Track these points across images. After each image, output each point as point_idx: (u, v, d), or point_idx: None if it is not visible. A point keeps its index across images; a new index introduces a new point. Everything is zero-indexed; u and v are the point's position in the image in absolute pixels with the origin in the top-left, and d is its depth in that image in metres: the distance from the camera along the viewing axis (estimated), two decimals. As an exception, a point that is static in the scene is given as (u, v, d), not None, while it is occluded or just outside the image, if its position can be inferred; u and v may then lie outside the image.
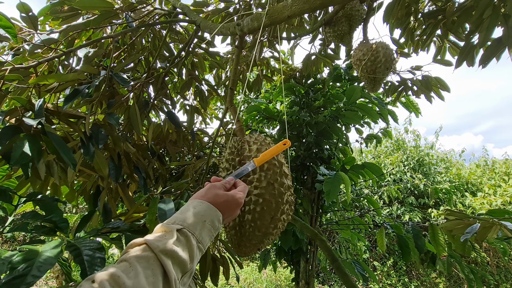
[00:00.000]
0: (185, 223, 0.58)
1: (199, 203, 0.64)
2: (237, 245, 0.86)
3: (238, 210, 0.72)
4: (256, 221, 0.81)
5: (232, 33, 1.12)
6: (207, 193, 0.68)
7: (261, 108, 2.87)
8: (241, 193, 0.71)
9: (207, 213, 0.62)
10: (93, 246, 0.70)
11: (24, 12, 0.92)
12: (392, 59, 1.51)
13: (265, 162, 0.84)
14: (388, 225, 2.37)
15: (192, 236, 0.57)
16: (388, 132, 3.26)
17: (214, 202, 0.66)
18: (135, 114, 1.47)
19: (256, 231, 0.82)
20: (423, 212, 5.99)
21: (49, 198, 0.94)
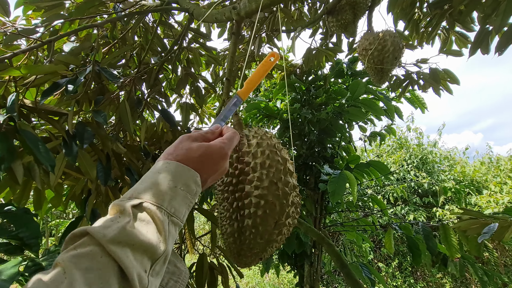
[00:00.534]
0: (146, 195, 0.43)
1: (164, 164, 0.48)
2: (237, 255, 0.74)
3: (224, 163, 0.55)
4: (257, 227, 0.69)
5: (228, 18, 1.02)
6: (176, 149, 0.52)
7: (261, 106, 2.76)
8: (224, 141, 0.56)
9: (177, 176, 0.47)
10: None
11: (-9, -6, 0.82)
12: (401, 48, 1.40)
13: (267, 158, 0.73)
14: (396, 226, 2.25)
15: (159, 209, 0.42)
16: (392, 130, 3.15)
17: (187, 159, 0.51)
18: (125, 111, 1.36)
19: (258, 238, 0.71)
20: (427, 211, 5.88)
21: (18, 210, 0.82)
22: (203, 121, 2.58)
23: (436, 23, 2.10)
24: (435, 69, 1.95)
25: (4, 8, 0.86)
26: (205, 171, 0.52)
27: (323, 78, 2.80)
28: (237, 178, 0.74)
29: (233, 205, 0.72)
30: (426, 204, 5.91)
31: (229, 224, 0.73)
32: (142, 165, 1.82)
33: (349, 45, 2.45)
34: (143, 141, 1.65)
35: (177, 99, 2.46)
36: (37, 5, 1.23)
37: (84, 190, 1.64)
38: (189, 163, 0.50)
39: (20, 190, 1.19)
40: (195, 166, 0.51)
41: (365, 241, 3.26)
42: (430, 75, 1.95)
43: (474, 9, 1.81)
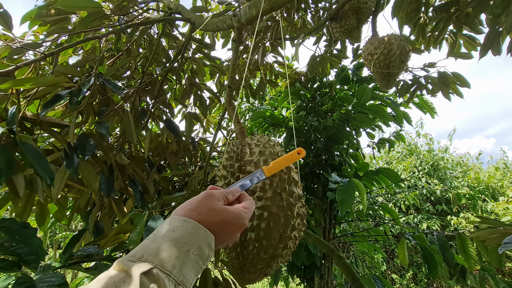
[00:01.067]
0: (156, 258, 0.40)
1: (181, 222, 0.46)
2: (240, 271, 0.70)
3: (239, 232, 0.53)
4: (261, 241, 0.65)
5: (229, 25, 1.01)
6: (199, 205, 0.50)
7: (266, 114, 2.74)
8: (247, 212, 0.54)
9: (192, 239, 0.44)
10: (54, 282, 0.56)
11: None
12: (408, 51, 1.36)
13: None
14: (409, 235, 2.15)
15: (168, 277, 0.39)
16: (401, 136, 3.08)
17: (207, 221, 0.48)
18: (129, 122, 1.36)
19: (262, 252, 0.66)
20: (441, 219, 5.66)
21: (17, 224, 0.79)
22: (208, 130, 2.57)
23: (443, 27, 2.06)
24: (444, 73, 1.90)
25: (7, 22, 0.87)
26: (220, 236, 0.50)
27: (329, 85, 2.77)
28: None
29: (235, 217, 0.68)
30: (439, 212, 5.70)
31: (231, 237, 0.69)
32: (147, 176, 1.80)
33: (354, 51, 2.43)
34: (147, 152, 1.64)
35: (182, 109, 2.47)
36: (43, 20, 1.25)
37: (89, 203, 1.62)
38: (208, 224, 0.48)
39: (23, 204, 1.18)
40: (213, 228, 0.48)
41: (377, 252, 3.13)
42: (439, 78, 1.89)
43: (482, 10, 1.77)
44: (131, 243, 0.69)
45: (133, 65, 1.91)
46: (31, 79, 0.85)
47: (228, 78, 0.98)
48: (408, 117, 2.75)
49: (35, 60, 1.00)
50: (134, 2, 1.37)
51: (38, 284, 0.55)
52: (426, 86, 2.19)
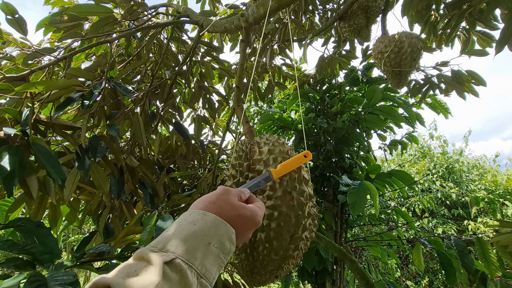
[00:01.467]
0: (178, 249, 0.39)
1: (200, 215, 0.45)
2: (250, 272, 0.68)
3: (253, 230, 0.52)
4: (271, 241, 0.63)
5: (237, 26, 1.01)
6: (219, 199, 0.49)
7: (275, 117, 2.72)
8: (261, 208, 0.53)
9: (212, 231, 0.43)
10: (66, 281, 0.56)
11: (9, 14, 0.85)
12: (419, 49, 1.33)
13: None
14: (425, 240, 2.08)
15: (190, 268, 0.38)
16: (414, 137, 3.00)
17: (226, 215, 0.47)
18: (138, 124, 1.37)
19: (273, 254, 0.64)
20: (457, 224, 5.46)
21: (31, 224, 0.80)
22: (217, 134, 2.57)
23: (455, 24, 2.01)
24: (458, 71, 1.84)
25: (22, 27, 0.90)
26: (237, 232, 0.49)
27: (338, 86, 2.74)
28: (248, 188, 0.69)
29: (244, 217, 0.67)
30: (455, 216, 5.51)
31: (241, 238, 0.67)
32: (157, 179, 1.81)
33: (363, 52, 2.39)
34: (156, 154, 1.65)
35: (191, 113, 2.48)
36: (57, 26, 1.28)
37: (100, 206, 1.64)
38: (227, 218, 0.47)
39: (36, 205, 1.20)
40: (231, 223, 0.47)
41: (390, 257, 3.04)
42: (452, 77, 1.84)
43: (497, 5, 1.72)
44: (141, 243, 0.68)
45: (143, 69, 1.94)
46: (43, 82, 0.87)
47: (236, 78, 0.98)
48: (421, 118, 2.68)
49: (48, 64, 1.02)
50: (144, 7, 1.39)
51: (50, 282, 0.55)
52: (439, 86, 2.13)
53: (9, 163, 0.75)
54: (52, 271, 0.62)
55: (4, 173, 0.72)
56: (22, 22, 0.88)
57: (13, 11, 0.85)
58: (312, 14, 2.47)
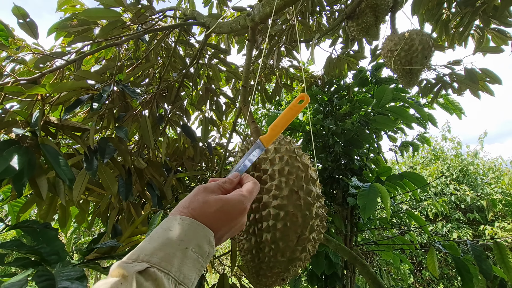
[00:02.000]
0: (153, 257, 0.39)
1: (176, 221, 0.44)
2: (255, 274, 0.66)
3: (242, 218, 0.50)
4: (277, 242, 0.62)
5: (243, 26, 1.00)
6: (191, 202, 0.48)
7: (282, 119, 2.70)
8: (244, 193, 0.50)
9: (189, 236, 0.42)
10: (73, 276, 0.56)
11: (21, 18, 0.87)
12: (431, 46, 1.29)
13: (286, 164, 0.66)
14: (439, 244, 2.00)
15: (166, 276, 0.37)
16: (426, 139, 2.92)
17: (202, 214, 0.46)
18: (146, 126, 1.38)
19: (279, 255, 0.62)
20: (473, 229, 5.28)
21: (39, 224, 0.81)
22: (224, 136, 2.57)
23: (468, 22, 1.96)
24: (472, 69, 1.79)
25: (33, 30, 0.92)
26: (221, 228, 0.48)
27: (346, 87, 2.70)
28: (253, 188, 0.67)
29: (250, 217, 0.65)
30: (471, 220, 5.32)
31: (246, 239, 0.66)
32: (164, 181, 1.82)
33: (372, 52, 2.35)
34: (164, 156, 1.66)
35: (199, 116, 2.50)
36: (67, 31, 1.31)
37: (109, 207, 1.66)
38: (204, 218, 0.46)
39: (46, 206, 1.22)
40: (211, 222, 0.46)
41: (403, 262, 2.94)
42: (466, 75, 1.78)
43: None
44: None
45: (151, 72, 1.96)
46: (53, 84, 0.88)
47: (243, 78, 0.97)
48: (433, 118, 2.61)
49: (59, 67, 1.04)
50: (152, 11, 1.41)
51: (57, 277, 0.55)
52: (452, 85, 2.07)
53: (18, 163, 0.76)
54: (59, 268, 0.62)
55: (13, 173, 0.73)
56: (33, 26, 0.90)
57: (24, 15, 0.87)
58: (319, 15, 2.45)
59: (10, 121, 0.92)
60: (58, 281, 0.54)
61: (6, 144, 0.84)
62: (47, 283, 0.53)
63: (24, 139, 0.89)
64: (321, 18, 2.49)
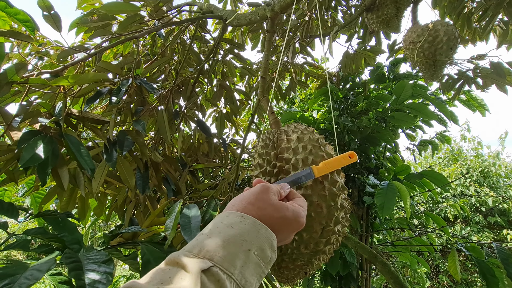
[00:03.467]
0: (216, 255, 0.35)
1: (239, 218, 0.40)
2: (277, 267, 0.64)
3: (294, 234, 0.47)
4: (301, 233, 0.59)
5: (262, 16, 0.99)
6: (258, 199, 0.44)
7: (297, 116, 2.67)
8: (304, 208, 0.48)
9: (252, 236, 0.38)
10: (99, 259, 0.56)
11: (45, 10, 0.89)
12: (457, 37, 1.23)
13: (310, 154, 0.64)
14: (461, 246, 1.92)
15: (229, 278, 0.34)
16: (446, 137, 2.82)
17: (267, 217, 0.42)
18: (163, 120, 1.39)
19: (302, 247, 0.60)
20: (494, 233, 5.05)
21: (60, 214, 0.82)
22: (237, 133, 2.57)
23: (492, 15, 1.87)
24: (499, 63, 1.70)
25: (57, 23, 0.94)
26: (278, 235, 0.44)
27: (362, 84, 2.64)
28: (275, 178, 0.66)
29: (273, 207, 0.63)
30: (492, 224, 5.10)
31: (268, 229, 0.64)
32: (179, 176, 1.83)
33: (390, 47, 2.29)
34: (180, 151, 1.66)
35: (213, 113, 2.50)
36: (88, 26, 1.33)
37: (126, 201, 1.68)
38: (268, 221, 0.42)
39: (67, 198, 1.24)
40: (273, 226, 0.42)
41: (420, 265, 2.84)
42: (492, 69, 1.70)
43: (543, -9, 1.57)
44: (167, 229, 0.67)
45: (167, 68, 1.98)
46: (75, 75, 0.90)
47: (262, 69, 0.95)
48: (454, 116, 2.51)
49: (80, 60, 1.06)
50: (169, 5, 1.42)
51: (83, 261, 0.55)
52: (475, 80, 1.98)
53: (44, 151, 0.77)
54: (83, 253, 0.63)
55: (39, 161, 0.74)
56: (57, 18, 0.92)
57: (49, 7, 0.89)
58: (334, 10, 2.41)
59: (34, 112, 0.94)
60: (85, 264, 0.54)
61: (31, 134, 0.86)
62: (74, 264, 0.54)
63: (48, 129, 0.91)
64: (336, 13, 2.44)
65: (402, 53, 2.50)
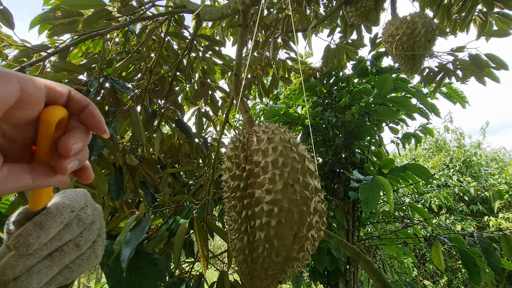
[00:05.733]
0: None
1: None
2: (249, 277, 0.60)
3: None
4: (272, 241, 0.56)
5: (234, 10, 0.93)
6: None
7: (281, 112, 2.64)
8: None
9: None
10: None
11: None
12: (435, 29, 1.22)
13: (280, 155, 0.60)
14: (444, 237, 1.95)
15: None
16: (428, 129, 2.85)
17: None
18: (137, 121, 1.32)
19: (274, 255, 0.56)
20: (477, 220, 5.22)
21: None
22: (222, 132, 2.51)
23: (471, 6, 1.88)
24: (477, 55, 1.71)
25: (7, 19, 0.86)
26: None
27: (346, 79, 2.63)
28: (245, 182, 0.61)
29: (242, 214, 0.59)
30: (474, 212, 5.27)
31: (238, 238, 0.60)
32: (160, 178, 1.76)
33: (372, 41, 2.27)
34: (157, 152, 1.60)
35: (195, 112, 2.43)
36: (51, 23, 1.24)
37: (104, 206, 1.60)
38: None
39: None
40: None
41: (406, 256, 2.89)
42: (471, 61, 1.71)
43: (519, -18, 1.59)
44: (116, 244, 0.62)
45: (143, 67, 1.89)
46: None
47: (235, 65, 0.90)
48: (436, 108, 2.53)
49: (39, 59, 0.98)
50: (140, 0, 1.34)
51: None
52: (455, 72, 2.00)
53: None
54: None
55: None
56: (7, 14, 0.84)
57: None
58: (315, 4, 2.37)
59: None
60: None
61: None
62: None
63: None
64: (318, 7, 2.41)
65: (384, 47, 2.51)
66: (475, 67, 1.71)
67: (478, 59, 1.72)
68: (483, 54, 1.76)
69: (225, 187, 0.64)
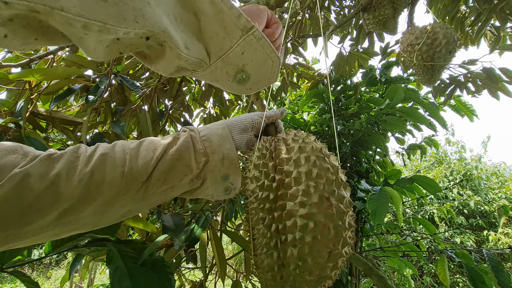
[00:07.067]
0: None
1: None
2: (277, 296, 0.55)
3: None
4: (305, 258, 0.51)
5: (256, 10, 0.89)
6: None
7: (287, 118, 2.60)
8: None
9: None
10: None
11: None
12: (456, 41, 1.20)
13: (314, 166, 0.56)
14: (451, 253, 1.90)
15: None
16: (434, 142, 2.83)
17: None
18: (145, 120, 1.27)
19: (306, 274, 0.52)
20: (476, 234, 5.20)
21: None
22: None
23: (485, 20, 1.87)
24: (491, 68, 1.70)
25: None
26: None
27: (354, 87, 2.60)
28: (275, 193, 0.57)
29: (272, 228, 0.54)
30: (473, 226, 5.25)
31: (267, 254, 0.55)
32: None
33: (382, 50, 2.26)
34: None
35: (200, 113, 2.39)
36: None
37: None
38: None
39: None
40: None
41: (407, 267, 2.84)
42: (485, 75, 1.69)
43: (536, -3, 1.58)
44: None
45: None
46: (40, 69, 0.77)
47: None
48: (444, 120, 2.52)
49: (49, 52, 0.93)
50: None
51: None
52: (466, 85, 1.98)
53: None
54: None
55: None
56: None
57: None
58: (327, 11, 2.36)
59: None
60: None
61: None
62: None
63: (7, 131, 0.78)
64: (330, 14, 2.40)
65: (395, 56, 2.49)
66: (490, 81, 1.70)
67: (492, 73, 1.70)
68: (497, 68, 1.75)
69: (251, 197, 0.59)
